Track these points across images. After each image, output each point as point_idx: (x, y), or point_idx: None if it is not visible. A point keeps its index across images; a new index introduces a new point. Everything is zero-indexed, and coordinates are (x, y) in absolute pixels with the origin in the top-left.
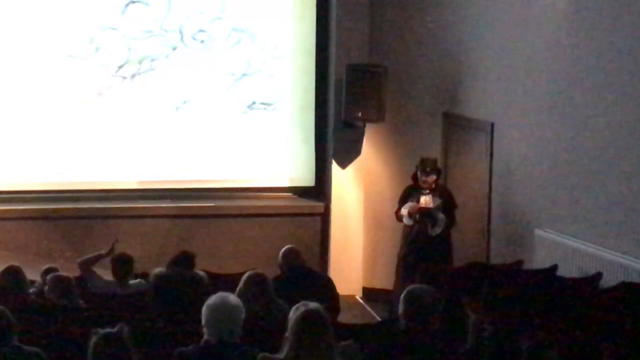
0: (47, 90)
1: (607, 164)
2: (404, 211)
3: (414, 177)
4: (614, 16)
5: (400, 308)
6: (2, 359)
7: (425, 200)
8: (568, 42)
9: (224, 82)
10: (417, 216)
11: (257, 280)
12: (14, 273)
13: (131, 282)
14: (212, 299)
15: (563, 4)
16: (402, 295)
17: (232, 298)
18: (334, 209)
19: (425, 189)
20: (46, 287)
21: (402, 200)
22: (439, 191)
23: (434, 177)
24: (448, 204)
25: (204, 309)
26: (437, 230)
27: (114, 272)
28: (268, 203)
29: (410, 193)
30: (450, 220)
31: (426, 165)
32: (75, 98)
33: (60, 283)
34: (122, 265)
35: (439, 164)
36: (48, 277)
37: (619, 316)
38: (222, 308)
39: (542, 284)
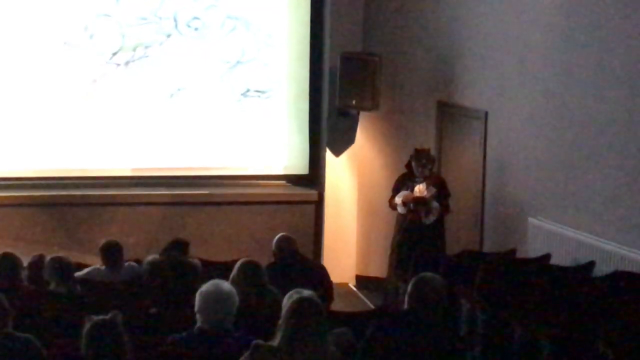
0: (42, 78)
1: (600, 152)
2: (398, 200)
3: (408, 166)
4: (606, 7)
5: (409, 292)
6: None
7: (420, 189)
8: (562, 30)
9: (218, 70)
10: (412, 205)
11: (251, 267)
12: (8, 259)
13: (123, 267)
14: (206, 287)
15: None
16: (411, 282)
17: (226, 285)
18: (327, 197)
19: (419, 177)
20: (45, 270)
21: (396, 189)
22: (433, 180)
23: (429, 167)
24: (442, 192)
25: (198, 296)
26: (432, 218)
27: (105, 261)
28: (262, 191)
29: (404, 182)
30: (444, 209)
31: (421, 157)
32: (69, 85)
33: (61, 267)
34: (112, 252)
35: (433, 152)
36: (47, 259)
37: (612, 305)
38: (216, 295)
39: (535, 272)
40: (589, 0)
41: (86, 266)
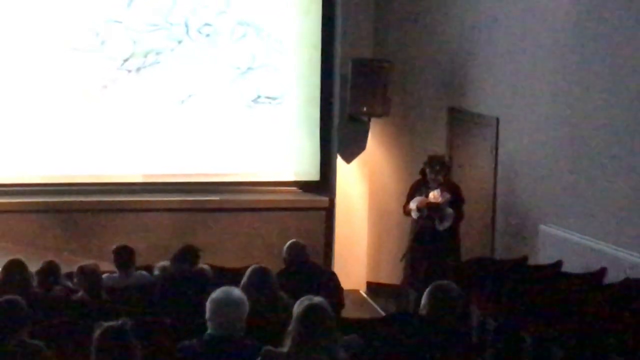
0: (52, 84)
1: (612, 159)
2: (413, 205)
3: (422, 172)
4: (618, 14)
5: (424, 300)
6: (5, 352)
7: (434, 195)
8: (573, 38)
9: (229, 76)
10: (425, 211)
11: (261, 274)
12: (17, 266)
13: (134, 272)
14: (217, 293)
15: (568, 1)
16: (427, 289)
17: (237, 292)
18: (338, 204)
19: (433, 183)
20: (75, 280)
21: (411, 195)
22: (448, 186)
23: (442, 174)
24: (456, 198)
25: (208, 303)
26: (446, 225)
27: (117, 263)
28: (273, 197)
29: (418, 188)
30: (458, 215)
31: (435, 164)
32: (80, 91)
33: (90, 272)
34: (125, 256)
35: (447, 161)
36: (77, 267)
37: (624, 313)
38: (226, 302)
39: (547, 279)
40: (601, 6)
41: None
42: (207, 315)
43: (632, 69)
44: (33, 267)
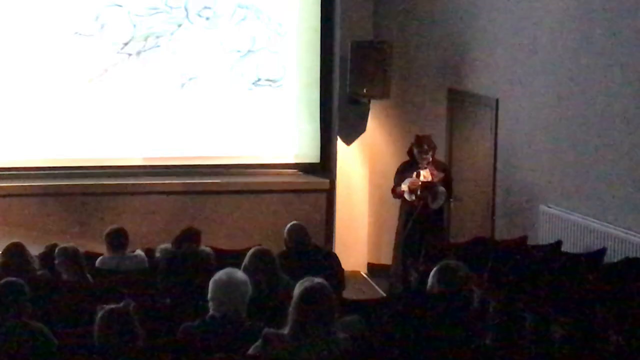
0: (53, 68)
1: (611, 140)
2: (404, 187)
3: (410, 153)
4: None
5: (433, 280)
6: (6, 332)
7: (425, 175)
8: (573, 17)
9: (230, 59)
10: (419, 191)
11: (263, 255)
12: (17, 249)
13: (128, 254)
14: (219, 275)
15: None
16: (435, 269)
17: (240, 274)
18: (339, 186)
19: (421, 163)
20: (56, 261)
21: (399, 177)
22: (436, 165)
23: (431, 153)
24: (446, 177)
25: (211, 284)
26: (439, 202)
27: (110, 246)
28: (273, 179)
29: (407, 169)
30: (448, 194)
31: (423, 143)
32: (80, 75)
33: (70, 256)
34: (118, 238)
35: (444, 140)
36: (57, 249)
37: (623, 291)
38: (229, 283)
39: (547, 259)
40: None
41: (96, 255)
42: (209, 296)
43: (633, 48)
44: (36, 250)
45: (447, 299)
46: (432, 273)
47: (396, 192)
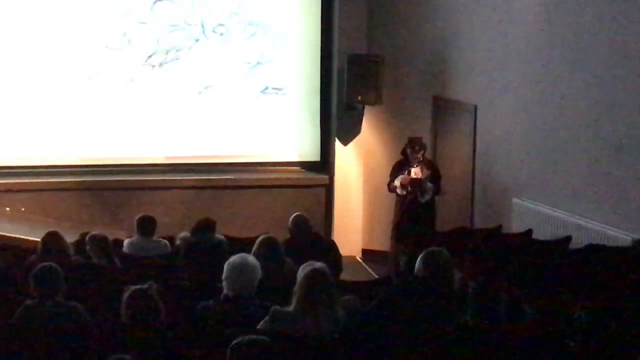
0: (87, 77)
1: (576, 140)
2: (397, 182)
3: (403, 152)
4: (580, 13)
5: (419, 264)
6: (46, 311)
7: (416, 172)
8: (541, 34)
9: (241, 70)
10: (409, 186)
11: (270, 243)
12: (54, 237)
13: (154, 238)
14: (233, 258)
15: (537, 2)
16: (421, 254)
17: (251, 259)
18: (337, 181)
19: (413, 162)
20: (87, 247)
21: (394, 173)
22: (426, 164)
23: (421, 152)
24: (434, 174)
25: (226, 266)
26: (427, 197)
27: (139, 231)
28: (279, 176)
29: (401, 167)
30: (436, 189)
31: (414, 144)
32: (110, 84)
33: (99, 242)
34: (147, 224)
35: (429, 142)
36: (88, 237)
37: (586, 274)
38: (241, 266)
39: (519, 246)
40: (566, 7)
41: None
42: (224, 277)
43: (592, 62)
44: (71, 238)
45: (432, 281)
46: (419, 258)
47: (390, 187)
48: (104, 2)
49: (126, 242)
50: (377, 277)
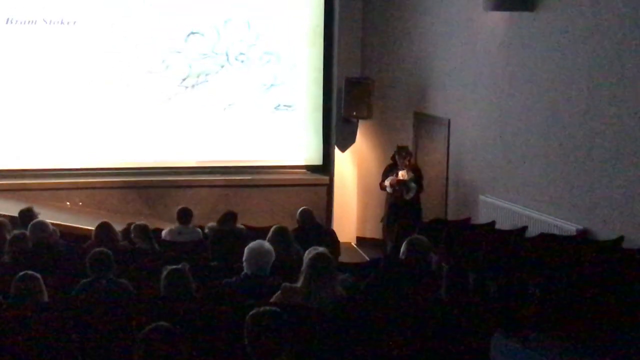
0: (133, 97)
1: (531, 148)
2: (386, 182)
3: (393, 158)
4: (534, 42)
5: (404, 249)
6: (100, 287)
7: (402, 174)
8: (503, 62)
9: (258, 91)
10: (396, 186)
11: (281, 231)
12: (106, 226)
13: (190, 226)
14: (253, 244)
15: (500, 31)
16: (406, 241)
17: (266, 244)
18: (336, 181)
19: (401, 166)
20: (132, 235)
21: (385, 175)
22: (412, 167)
23: (408, 158)
24: (418, 176)
25: (246, 250)
26: (411, 194)
27: (179, 219)
28: (288, 177)
29: (390, 169)
30: (420, 188)
31: (402, 151)
32: (152, 102)
33: (142, 230)
34: (185, 213)
35: (411, 150)
36: (133, 226)
37: (539, 257)
38: (259, 250)
39: (484, 234)
40: (521, 41)
41: (162, 230)
42: (244, 259)
43: (544, 84)
44: (119, 227)
45: (413, 263)
46: (403, 244)
47: (381, 186)
48: (148, 35)
49: (166, 230)
50: (368, 259)
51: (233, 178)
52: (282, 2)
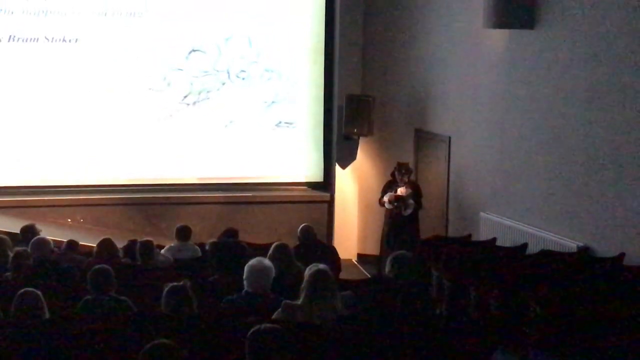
0: (135, 114)
1: (532, 165)
2: (386, 199)
3: (392, 174)
4: (534, 62)
5: (388, 267)
6: (100, 304)
7: (401, 190)
8: (504, 80)
9: (259, 107)
10: (395, 202)
11: (282, 248)
12: (107, 243)
13: (189, 243)
14: (252, 262)
15: (501, 49)
16: (389, 258)
17: (267, 261)
18: (337, 198)
19: (400, 183)
20: (136, 251)
21: (384, 191)
22: (411, 184)
23: (407, 175)
24: (417, 193)
25: (246, 268)
26: (409, 211)
27: (178, 237)
28: (289, 193)
29: (389, 186)
30: (418, 205)
31: (401, 168)
32: (153, 119)
33: (144, 247)
34: (185, 231)
35: (412, 167)
36: (138, 242)
37: (540, 274)
38: (259, 268)
39: (485, 251)
40: (522, 58)
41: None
42: (245, 276)
43: (543, 104)
44: (120, 244)
45: (398, 280)
46: (387, 261)
47: (381, 202)
48: (149, 53)
49: (166, 247)
50: (369, 276)
51: (234, 195)
52: (283, 19)
